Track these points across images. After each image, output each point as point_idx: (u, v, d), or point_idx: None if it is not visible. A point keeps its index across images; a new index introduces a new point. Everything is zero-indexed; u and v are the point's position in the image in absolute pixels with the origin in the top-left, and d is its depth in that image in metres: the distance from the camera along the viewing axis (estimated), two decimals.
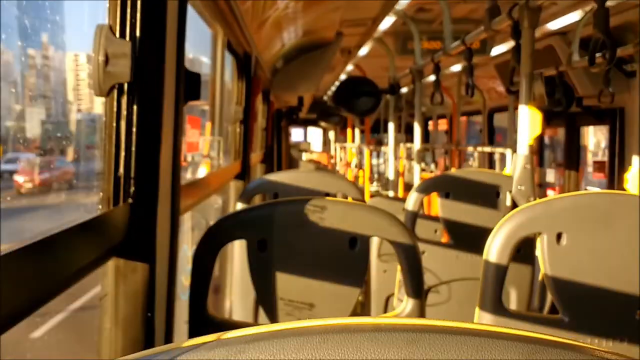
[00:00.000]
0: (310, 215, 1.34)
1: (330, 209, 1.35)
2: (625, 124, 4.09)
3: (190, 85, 1.38)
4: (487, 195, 2.40)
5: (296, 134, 14.96)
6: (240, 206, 2.18)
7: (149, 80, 1.09)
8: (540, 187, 5.53)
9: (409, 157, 7.86)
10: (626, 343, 1.37)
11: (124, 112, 1.08)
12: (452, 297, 2.56)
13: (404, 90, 7.02)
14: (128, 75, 1.03)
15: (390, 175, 5.29)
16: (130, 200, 1.07)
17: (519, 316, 1.41)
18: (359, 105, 5.76)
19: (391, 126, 5.38)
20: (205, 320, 1.28)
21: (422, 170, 6.40)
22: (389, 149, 5.45)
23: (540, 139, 5.69)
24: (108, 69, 1.02)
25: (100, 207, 1.10)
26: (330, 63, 5.40)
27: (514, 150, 2.36)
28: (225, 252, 2.83)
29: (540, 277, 2.47)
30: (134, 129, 1.08)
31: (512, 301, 2.42)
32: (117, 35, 1.06)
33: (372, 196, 4.00)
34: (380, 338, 0.30)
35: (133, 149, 1.08)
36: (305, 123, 13.28)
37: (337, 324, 0.32)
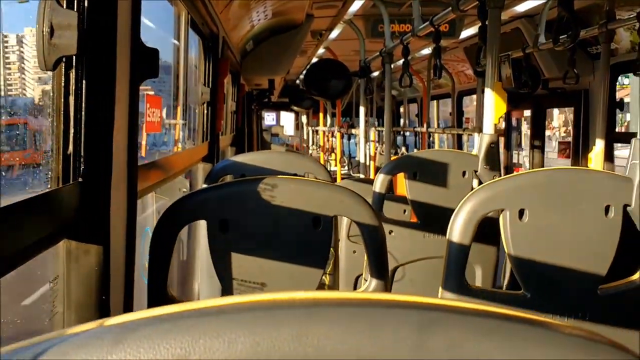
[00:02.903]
0: (274, 195, 1.32)
1: (294, 188, 1.33)
2: (590, 105, 4.17)
3: (147, 61, 1.33)
4: (453, 175, 2.42)
5: (269, 118, 14.87)
6: None
7: (99, 53, 1.04)
8: (507, 170, 5.61)
9: (381, 141, 7.90)
10: (587, 318, 1.39)
11: (72, 87, 1.03)
12: (420, 276, 2.58)
13: (375, 73, 7.01)
14: (75, 48, 0.98)
15: (361, 157, 5.30)
16: (80, 179, 1.02)
17: (481, 293, 1.42)
18: (330, 88, 5.74)
19: (362, 109, 5.37)
20: (165, 303, 1.25)
21: (395, 153, 6.42)
22: (360, 132, 5.45)
23: (507, 122, 5.76)
24: (53, 40, 0.97)
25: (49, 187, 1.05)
26: (301, 45, 5.34)
27: (481, 132, 2.37)
28: (194, 233, 2.79)
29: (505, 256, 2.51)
30: (84, 105, 1.03)
31: (478, 280, 2.45)
32: (64, 5, 1.01)
33: (342, 178, 4.00)
34: (262, 316, 0.29)
35: (83, 125, 1.03)
36: (277, 107, 13.19)
37: (230, 303, 0.31)
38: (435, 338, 0.27)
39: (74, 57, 1.03)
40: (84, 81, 1.04)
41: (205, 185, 2.21)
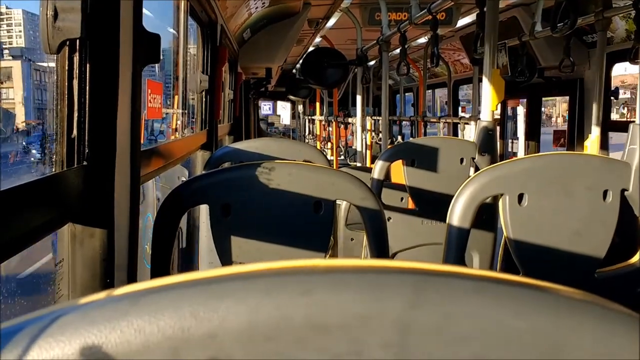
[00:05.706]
0: (275, 179, 1.32)
1: (295, 172, 1.33)
2: (585, 93, 4.18)
3: (149, 47, 1.33)
4: (451, 161, 2.43)
5: (265, 107, 14.84)
6: None
7: (102, 37, 1.04)
8: (502, 159, 5.64)
9: (377, 130, 7.91)
10: None
11: (76, 71, 1.04)
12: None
13: (372, 63, 7.00)
14: (79, 31, 0.98)
15: (358, 146, 5.31)
16: (84, 163, 1.03)
17: None
18: (327, 76, 5.73)
19: (359, 98, 5.37)
20: None
21: (390, 142, 6.42)
22: (356, 120, 5.45)
23: (502, 111, 5.78)
24: (57, 24, 0.97)
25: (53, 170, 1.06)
26: (298, 34, 5.32)
27: (477, 120, 2.39)
28: (194, 217, 2.80)
29: (502, 241, 2.53)
30: (88, 89, 1.04)
31: (475, 267, 2.47)
32: None
33: (340, 166, 4.02)
34: (247, 285, 0.30)
35: (87, 109, 1.04)
36: (274, 96, 13.16)
37: (227, 273, 0.31)
38: (430, 297, 0.29)
39: (77, 40, 1.03)
40: (87, 65, 1.04)
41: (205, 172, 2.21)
